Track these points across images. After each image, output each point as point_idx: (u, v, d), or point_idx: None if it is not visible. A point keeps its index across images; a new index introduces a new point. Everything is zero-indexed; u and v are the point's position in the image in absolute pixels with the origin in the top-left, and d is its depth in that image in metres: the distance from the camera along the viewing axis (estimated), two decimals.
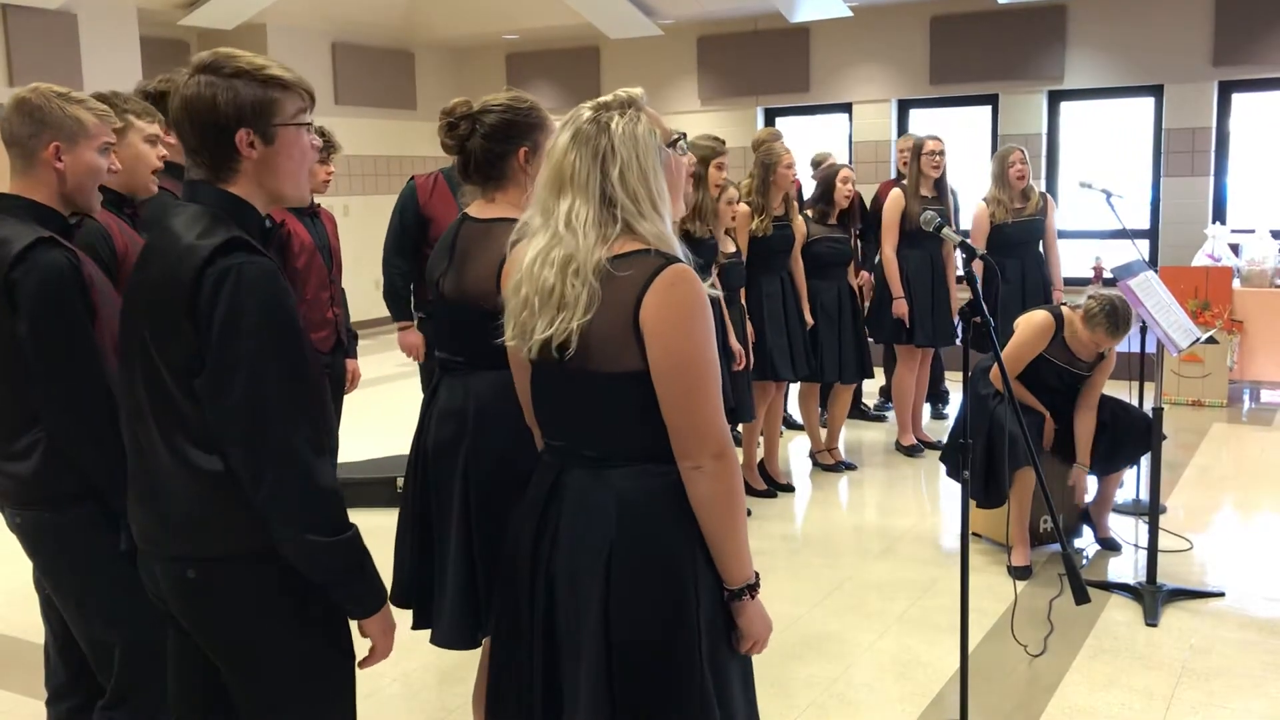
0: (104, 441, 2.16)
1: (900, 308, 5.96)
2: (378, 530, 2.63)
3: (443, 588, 2.44)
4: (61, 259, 2.20)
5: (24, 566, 2.45)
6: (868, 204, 6.67)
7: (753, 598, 1.88)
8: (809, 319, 5.58)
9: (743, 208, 5.27)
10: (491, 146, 2.42)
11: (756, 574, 1.90)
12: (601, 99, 1.89)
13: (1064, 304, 4.49)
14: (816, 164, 6.75)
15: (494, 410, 2.38)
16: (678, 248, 1.84)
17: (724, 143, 4.96)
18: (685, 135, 1.99)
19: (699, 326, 1.78)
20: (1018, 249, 6.04)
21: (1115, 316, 4.19)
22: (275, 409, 1.74)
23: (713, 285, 1.90)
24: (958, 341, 6.15)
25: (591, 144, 1.82)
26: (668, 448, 1.81)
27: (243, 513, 1.77)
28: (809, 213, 5.77)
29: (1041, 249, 6.17)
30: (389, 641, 1.94)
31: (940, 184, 6.00)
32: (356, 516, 1.91)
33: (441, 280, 2.48)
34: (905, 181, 6.07)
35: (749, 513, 5.19)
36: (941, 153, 5.92)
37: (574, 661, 1.87)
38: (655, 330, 1.76)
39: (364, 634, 1.91)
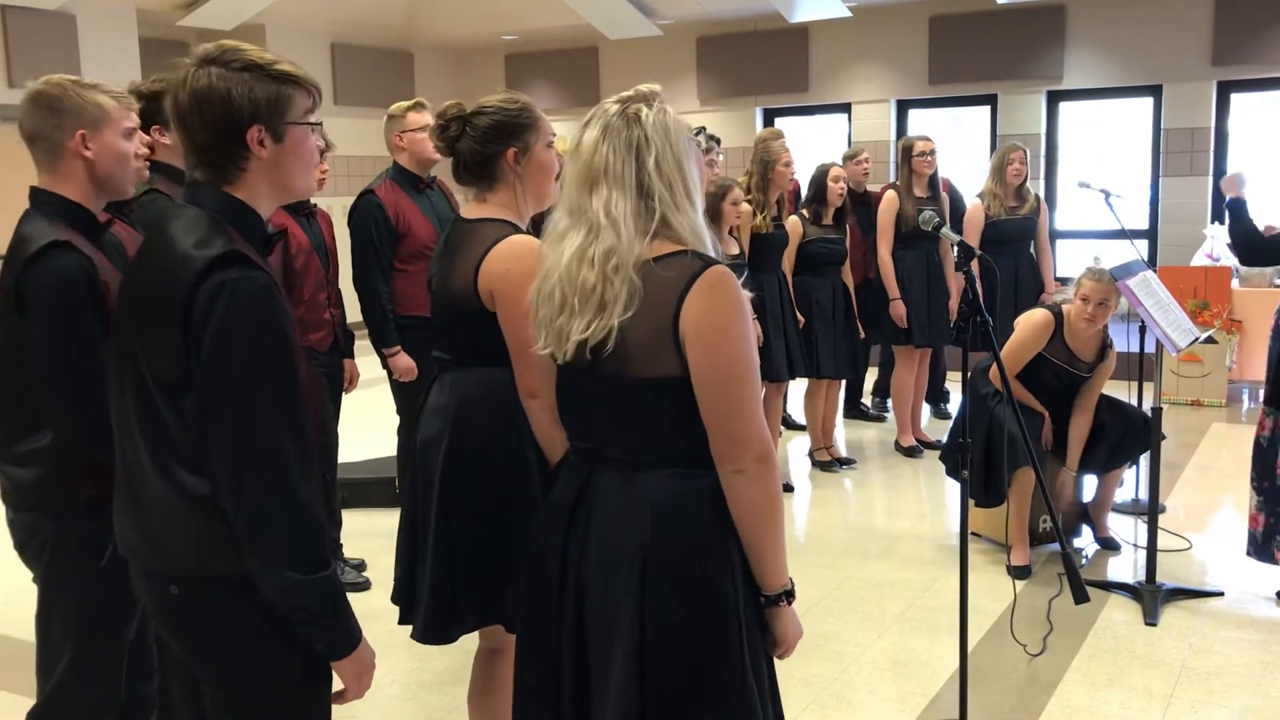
0: (111, 447, 2.13)
1: (898, 310, 5.97)
2: (378, 531, 2.64)
3: (422, 584, 2.45)
4: (74, 264, 2.15)
5: (25, 567, 2.45)
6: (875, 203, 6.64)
7: (789, 604, 1.86)
8: (799, 317, 5.60)
9: (744, 206, 5.28)
10: (480, 148, 2.42)
11: (791, 580, 1.88)
12: (623, 94, 1.87)
13: (1064, 302, 4.48)
14: (849, 159, 6.67)
15: (473, 408, 2.40)
16: (709, 241, 1.82)
17: (717, 140, 4.95)
18: (705, 129, 1.99)
19: (740, 330, 1.75)
20: (1010, 246, 6.05)
21: (1098, 266, 4.28)
22: (263, 437, 1.67)
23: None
24: (956, 341, 6.17)
25: (624, 135, 1.80)
26: (702, 452, 1.78)
27: (227, 535, 1.71)
28: (804, 212, 5.79)
29: (1033, 250, 6.18)
30: (364, 684, 1.85)
31: (933, 182, 6.02)
32: (357, 516, 1.90)
33: (433, 280, 2.51)
34: (898, 183, 6.07)
35: None
36: (933, 151, 5.93)
37: (603, 668, 1.82)
38: (697, 336, 1.73)
39: (338, 675, 1.84)
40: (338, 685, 1.87)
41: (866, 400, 7.28)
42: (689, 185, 1.82)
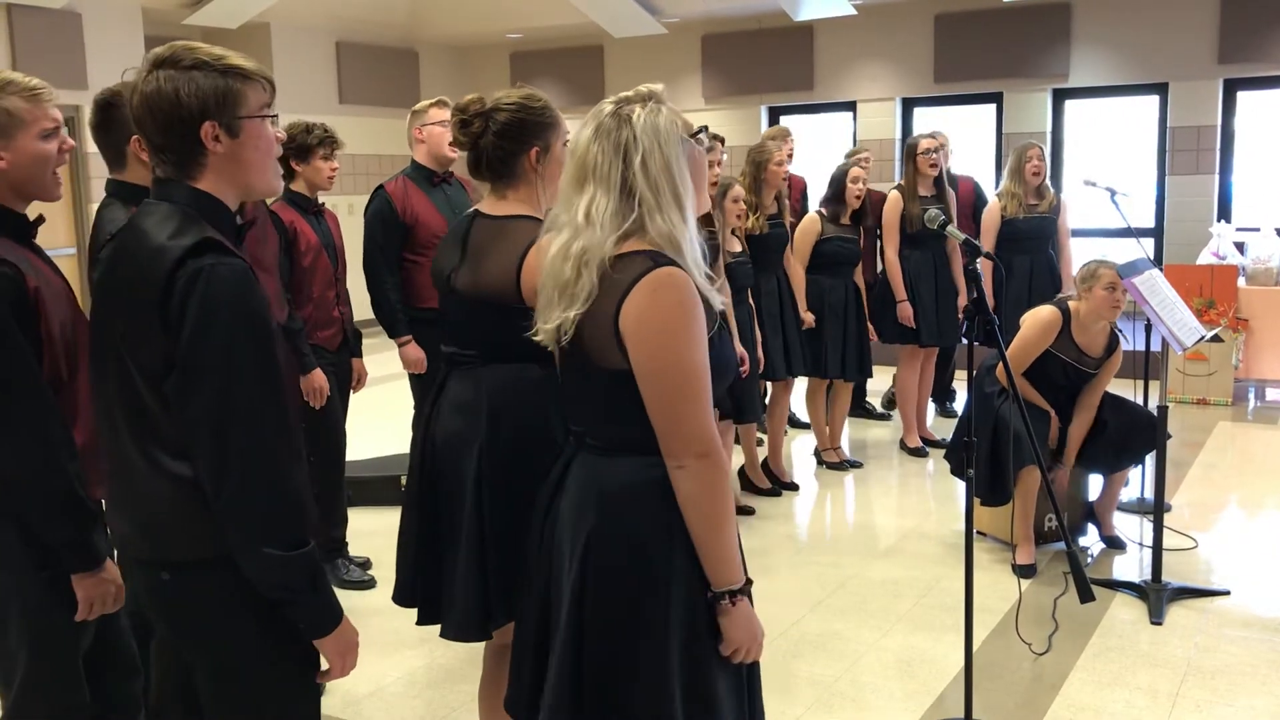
0: (41, 466, 2.07)
1: (905, 311, 5.96)
2: (384, 529, 2.64)
3: (453, 580, 2.44)
4: None
5: None
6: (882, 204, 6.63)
7: (733, 603, 1.85)
8: (806, 316, 5.59)
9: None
10: (503, 145, 2.43)
11: (749, 580, 1.90)
12: (623, 94, 1.91)
13: (1070, 297, 4.47)
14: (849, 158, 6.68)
15: (508, 404, 2.40)
16: (687, 247, 1.85)
17: (721, 139, 4.95)
18: (707, 128, 2.00)
19: (683, 329, 1.79)
20: (1028, 244, 6.03)
21: (1100, 259, 4.29)
22: (243, 414, 1.70)
23: (719, 289, 1.92)
24: (963, 339, 6.16)
25: (613, 136, 1.84)
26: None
27: (214, 518, 1.74)
28: (823, 211, 5.78)
29: (1052, 249, 6.16)
30: (348, 663, 1.87)
31: (939, 182, 5.99)
32: (362, 515, 1.91)
33: (453, 275, 2.48)
34: (902, 183, 6.06)
35: (752, 511, 5.21)
36: (938, 150, 5.91)
37: (555, 635, 1.93)
38: (635, 334, 1.79)
39: (322, 653, 1.85)
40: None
41: (872, 400, 7.27)
42: (677, 188, 1.85)
